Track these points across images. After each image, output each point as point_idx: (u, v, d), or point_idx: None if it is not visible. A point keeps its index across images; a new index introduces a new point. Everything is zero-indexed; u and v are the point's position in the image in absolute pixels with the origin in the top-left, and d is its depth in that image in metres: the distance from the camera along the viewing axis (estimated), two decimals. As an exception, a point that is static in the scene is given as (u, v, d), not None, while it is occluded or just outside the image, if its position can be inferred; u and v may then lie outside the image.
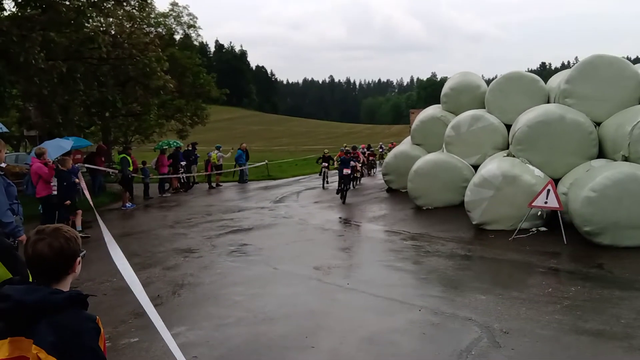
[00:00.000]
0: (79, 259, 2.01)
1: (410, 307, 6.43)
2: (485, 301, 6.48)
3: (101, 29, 17.85)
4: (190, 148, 23.31)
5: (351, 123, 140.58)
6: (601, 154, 10.97)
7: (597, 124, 11.21)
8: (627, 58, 13.36)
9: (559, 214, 9.78)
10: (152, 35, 21.71)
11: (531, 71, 17.97)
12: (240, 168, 24.48)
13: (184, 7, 32.04)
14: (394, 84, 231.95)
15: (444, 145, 14.73)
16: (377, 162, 30.99)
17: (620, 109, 10.90)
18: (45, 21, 14.62)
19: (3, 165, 5.96)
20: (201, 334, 5.57)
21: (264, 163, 28.19)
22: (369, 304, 6.63)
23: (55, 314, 1.82)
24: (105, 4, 17.15)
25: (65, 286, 1.97)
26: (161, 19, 29.21)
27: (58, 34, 14.86)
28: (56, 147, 12.72)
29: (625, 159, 9.78)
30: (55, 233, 1.94)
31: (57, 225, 2.03)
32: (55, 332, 1.79)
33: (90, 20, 16.99)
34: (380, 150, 38.29)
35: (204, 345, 5.24)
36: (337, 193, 16.63)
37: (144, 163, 19.36)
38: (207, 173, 23.45)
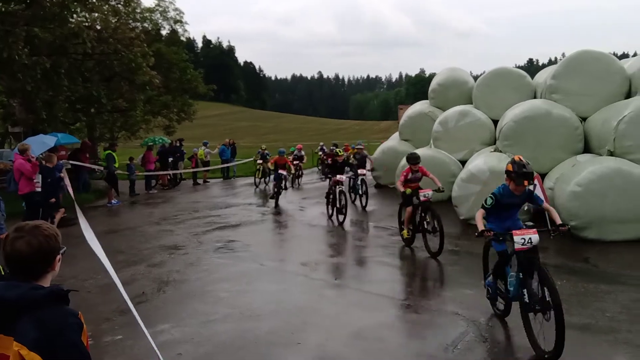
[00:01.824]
0: (58, 256, 1.96)
1: (397, 303, 6.44)
2: (472, 296, 6.50)
3: (86, 24, 17.54)
4: (177, 144, 23.19)
5: (340, 119, 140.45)
6: (587, 149, 11.05)
7: (583, 119, 11.28)
8: (614, 54, 13.48)
9: (546, 209, 9.81)
10: (137, 31, 21.40)
11: (518, 67, 18.03)
12: (225, 165, 24.50)
13: (170, 2, 31.47)
14: (383, 80, 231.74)
15: (431, 141, 14.77)
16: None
17: (606, 104, 10.98)
18: (29, 16, 14.39)
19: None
20: (186, 330, 5.51)
21: (252, 159, 28.09)
22: (356, 300, 6.61)
23: (36, 310, 1.78)
24: (89, -1, 16.93)
25: (45, 284, 1.93)
26: (147, 14, 28.81)
27: (42, 29, 14.59)
28: (40, 144, 12.57)
29: (611, 153, 9.85)
30: (34, 231, 1.90)
31: (36, 222, 1.97)
32: (37, 328, 1.75)
33: (75, 15, 16.76)
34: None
35: (189, 342, 5.19)
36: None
37: (130, 159, 19.21)
38: (193, 169, 23.36)
